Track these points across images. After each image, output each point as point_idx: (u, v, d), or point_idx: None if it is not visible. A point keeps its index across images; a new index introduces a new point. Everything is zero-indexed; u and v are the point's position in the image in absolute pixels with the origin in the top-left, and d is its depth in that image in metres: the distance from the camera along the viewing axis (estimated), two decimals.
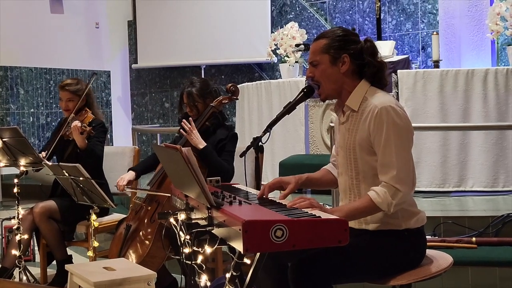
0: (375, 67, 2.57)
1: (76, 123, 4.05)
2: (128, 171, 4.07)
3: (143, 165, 4.12)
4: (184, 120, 3.75)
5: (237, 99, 3.96)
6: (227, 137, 3.79)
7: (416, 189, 2.52)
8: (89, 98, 4.38)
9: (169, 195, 3.33)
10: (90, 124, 4.17)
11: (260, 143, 2.77)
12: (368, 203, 2.42)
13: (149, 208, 3.76)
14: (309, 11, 7.95)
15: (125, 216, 4.08)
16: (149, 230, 3.68)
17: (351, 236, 2.05)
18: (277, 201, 2.46)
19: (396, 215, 2.51)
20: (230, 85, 3.88)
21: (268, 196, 2.56)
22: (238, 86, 3.94)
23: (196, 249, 2.37)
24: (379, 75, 2.59)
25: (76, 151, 4.20)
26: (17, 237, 3.95)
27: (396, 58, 5.76)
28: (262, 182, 2.92)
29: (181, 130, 3.80)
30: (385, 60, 2.70)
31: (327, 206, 2.49)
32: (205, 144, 3.69)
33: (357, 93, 2.57)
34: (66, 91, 4.29)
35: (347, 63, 2.55)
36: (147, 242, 3.64)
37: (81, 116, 4.29)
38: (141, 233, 3.70)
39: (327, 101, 2.74)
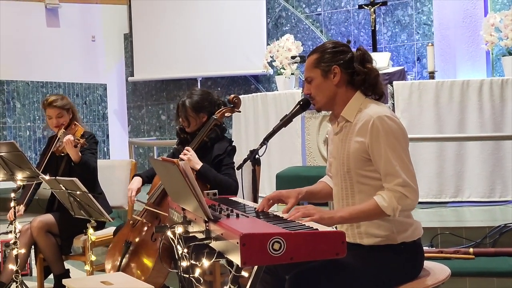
0: (365, 74, 2.56)
1: (69, 137, 4.05)
2: (133, 177, 3.95)
3: (149, 172, 3.99)
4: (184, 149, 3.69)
5: (239, 111, 3.88)
6: (224, 152, 3.71)
7: None
8: (74, 113, 4.41)
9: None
10: (82, 137, 4.18)
11: (257, 156, 2.77)
12: (373, 207, 2.41)
13: (150, 225, 3.70)
14: (304, 23, 7.99)
15: (121, 224, 4.06)
16: (151, 248, 3.62)
17: (348, 250, 2.04)
18: (275, 213, 2.46)
19: (390, 229, 2.50)
20: (233, 96, 3.78)
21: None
22: None
23: (194, 262, 2.37)
24: (371, 81, 2.58)
25: (70, 167, 4.21)
26: (14, 252, 3.94)
27: (391, 69, 5.78)
28: (259, 195, 2.91)
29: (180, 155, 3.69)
30: (381, 72, 2.70)
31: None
32: (201, 164, 3.60)
33: (353, 104, 2.57)
34: (54, 108, 4.28)
35: (338, 74, 2.56)
36: (150, 261, 3.59)
37: (71, 130, 4.28)
38: (143, 251, 3.64)
39: (323, 112, 2.75)
